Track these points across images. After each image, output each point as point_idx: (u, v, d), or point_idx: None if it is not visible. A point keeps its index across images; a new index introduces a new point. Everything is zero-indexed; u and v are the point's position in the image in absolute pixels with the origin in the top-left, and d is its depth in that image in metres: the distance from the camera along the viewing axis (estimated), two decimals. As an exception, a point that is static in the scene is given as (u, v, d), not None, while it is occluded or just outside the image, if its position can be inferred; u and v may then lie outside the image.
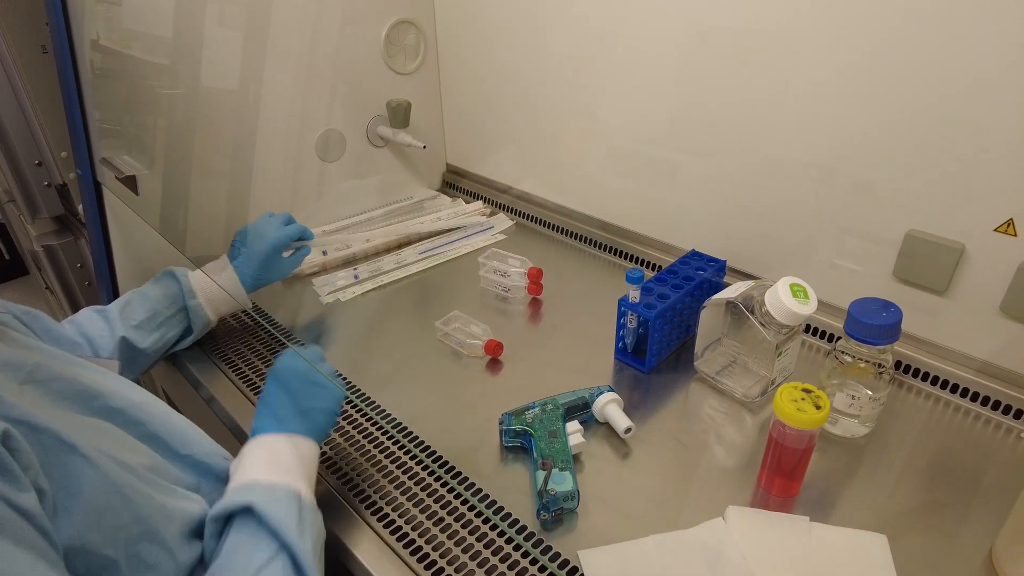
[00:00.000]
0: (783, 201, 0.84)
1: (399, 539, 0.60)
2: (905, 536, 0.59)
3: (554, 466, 0.63)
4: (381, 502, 0.64)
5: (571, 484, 0.61)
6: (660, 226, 1.00)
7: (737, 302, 0.71)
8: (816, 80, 0.75)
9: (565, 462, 0.63)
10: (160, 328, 0.77)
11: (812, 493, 0.64)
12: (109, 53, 0.93)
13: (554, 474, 0.62)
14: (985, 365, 0.73)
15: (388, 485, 0.66)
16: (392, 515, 0.63)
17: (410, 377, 0.81)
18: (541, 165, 1.14)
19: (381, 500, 0.64)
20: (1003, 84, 0.63)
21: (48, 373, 0.48)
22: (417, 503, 0.64)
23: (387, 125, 1.14)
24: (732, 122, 0.84)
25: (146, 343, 0.76)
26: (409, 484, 0.66)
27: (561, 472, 0.62)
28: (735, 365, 0.77)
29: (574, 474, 0.62)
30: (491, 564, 0.57)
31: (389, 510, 0.63)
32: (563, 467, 0.63)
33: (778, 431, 0.61)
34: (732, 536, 0.58)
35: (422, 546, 0.59)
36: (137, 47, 0.95)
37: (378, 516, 0.62)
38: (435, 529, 0.61)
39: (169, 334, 0.78)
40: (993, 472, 0.66)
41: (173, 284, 0.80)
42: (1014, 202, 0.66)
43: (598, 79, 0.98)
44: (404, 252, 1.06)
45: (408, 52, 1.14)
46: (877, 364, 0.67)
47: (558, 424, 0.68)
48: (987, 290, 0.70)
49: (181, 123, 0.96)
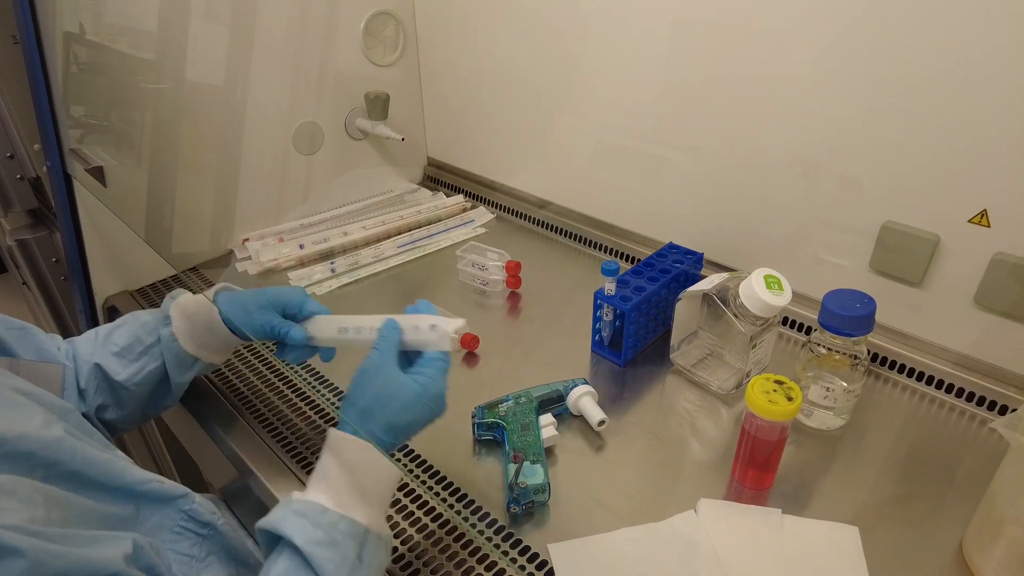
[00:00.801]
0: (763, 194, 0.83)
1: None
2: (878, 528, 0.59)
3: (526, 459, 0.62)
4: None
5: (542, 477, 0.60)
6: (643, 220, 0.99)
7: (712, 294, 0.70)
8: (797, 75, 0.75)
9: (537, 455, 0.63)
10: (140, 359, 0.65)
11: (787, 486, 0.64)
12: (80, 42, 0.91)
13: (525, 467, 0.61)
14: (960, 357, 0.73)
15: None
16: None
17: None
18: (523, 159, 1.13)
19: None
20: (978, 78, 0.63)
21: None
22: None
23: (366, 118, 1.13)
24: (716, 116, 0.84)
25: (122, 374, 0.64)
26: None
27: (532, 465, 0.61)
28: (711, 358, 0.76)
29: (546, 467, 0.62)
30: (460, 558, 0.57)
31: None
32: (535, 460, 0.62)
33: (750, 423, 0.60)
34: (703, 528, 0.58)
35: (391, 540, 0.59)
36: (109, 37, 0.93)
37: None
38: (404, 523, 0.60)
39: (149, 367, 0.65)
40: (967, 464, 0.66)
41: (161, 309, 0.68)
42: (987, 193, 0.66)
43: (582, 72, 0.97)
44: (382, 245, 1.05)
45: (387, 44, 1.13)
46: (852, 356, 0.67)
47: (531, 417, 0.67)
48: (962, 282, 0.70)
49: (153, 115, 0.94)
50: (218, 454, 0.72)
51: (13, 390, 0.51)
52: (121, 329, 0.66)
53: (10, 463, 0.45)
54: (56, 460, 0.47)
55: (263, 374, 0.80)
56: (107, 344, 0.65)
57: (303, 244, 1.04)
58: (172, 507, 0.55)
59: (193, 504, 0.57)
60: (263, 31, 0.97)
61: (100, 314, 0.99)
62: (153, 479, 0.54)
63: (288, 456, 0.68)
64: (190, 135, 0.96)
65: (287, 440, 0.70)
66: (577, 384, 0.71)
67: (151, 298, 0.97)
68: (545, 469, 0.61)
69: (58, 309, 1.31)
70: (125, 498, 0.52)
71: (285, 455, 0.68)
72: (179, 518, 0.56)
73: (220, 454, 0.72)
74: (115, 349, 0.65)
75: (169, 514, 0.55)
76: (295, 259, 1.02)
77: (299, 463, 0.67)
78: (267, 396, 0.76)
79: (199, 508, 0.57)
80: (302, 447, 0.69)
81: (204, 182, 1.00)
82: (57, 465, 0.47)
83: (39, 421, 0.49)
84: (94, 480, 0.50)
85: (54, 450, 0.48)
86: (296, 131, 1.06)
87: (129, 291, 0.99)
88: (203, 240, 1.04)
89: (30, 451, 0.46)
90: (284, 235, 1.06)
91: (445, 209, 1.15)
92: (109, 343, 0.65)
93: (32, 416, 0.49)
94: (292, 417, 0.73)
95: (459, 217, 1.14)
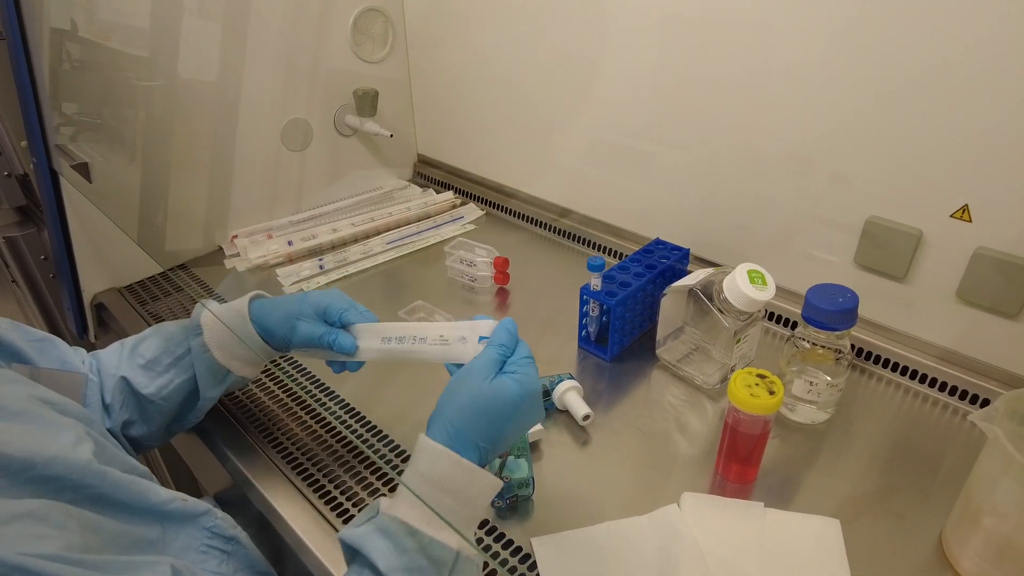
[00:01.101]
0: (748, 191, 0.83)
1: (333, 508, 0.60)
2: (860, 520, 0.59)
3: (510, 453, 0.62)
4: (336, 491, 0.63)
5: (526, 471, 0.61)
6: (631, 216, 0.99)
7: (697, 289, 0.71)
8: (784, 73, 0.75)
9: (521, 449, 0.63)
10: (168, 371, 0.63)
11: (771, 480, 0.64)
12: (68, 39, 0.91)
13: (510, 461, 0.61)
14: (943, 351, 0.73)
15: (342, 473, 0.65)
16: (345, 504, 0.62)
17: (370, 367, 0.80)
18: (513, 156, 1.13)
19: (335, 489, 0.64)
20: (961, 77, 0.63)
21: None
22: (373, 492, 0.63)
23: (355, 114, 1.12)
24: (704, 114, 0.84)
25: (150, 388, 0.62)
26: (361, 470, 0.65)
27: (517, 459, 0.62)
28: (697, 353, 0.77)
29: (530, 461, 0.62)
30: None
31: (343, 499, 0.62)
32: (519, 455, 0.62)
33: (733, 417, 0.61)
34: (686, 522, 0.58)
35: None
36: (97, 33, 0.93)
37: (331, 505, 0.62)
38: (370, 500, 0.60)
39: (178, 380, 0.63)
40: (950, 457, 0.67)
41: (190, 320, 0.66)
42: (969, 188, 0.66)
43: (573, 68, 0.97)
44: (371, 242, 1.05)
45: (376, 41, 1.13)
46: (836, 350, 0.67)
47: None
48: (944, 276, 0.70)
49: (139, 111, 0.94)
50: (217, 466, 0.71)
51: (37, 400, 0.50)
52: (147, 341, 0.64)
53: (40, 486, 0.44)
54: (84, 483, 0.46)
55: (265, 384, 0.78)
56: (133, 357, 0.63)
57: (292, 241, 1.04)
58: (196, 526, 0.54)
59: (216, 520, 0.55)
60: (251, 27, 0.97)
61: (88, 311, 0.98)
62: (176, 497, 0.53)
63: (289, 468, 0.67)
64: (178, 132, 0.96)
65: (289, 452, 0.68)
66: (563, 379, 0.71)
67: (140, 296, 0.97)
68: (529, 464, 0.62)
69: (47, 307, 1.30)
70: (151, 519, 0.50)
71: (287, 467, 0.67)
72: (203, 536, 0.54)
73: (220, 466, 0.70)
74: (142, 362, 0.63)
75: (194, 533, 0.54)
76: (284, 256, 1.02)
77: (299, 474, 0.66)
78: (269, 407, 0.76)
79: (222, 523, 0.56)
80: (305, 460, 0.68)
81: (192, 179, 1.00)
82: (85, 488, 0.46)
83: (68, 440, 0.48)
84: (121, 502, 0.48)
85: (82, 474, 0.46)
86: (285, 128, 1.06)
87: (118, 288, 0.98)
88: (192, 237, 1.04)
89: (59, 475, 0.45)
90: (273, 232, 1.06)
91: (435, 206, 1.15)
92: (136, 356, 0.63)
93: (60, 434, 0.48)
94: (295, 428, 0.73)
95: (448, 214, 1.14)
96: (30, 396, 0.50)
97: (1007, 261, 0.65)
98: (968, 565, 0.53)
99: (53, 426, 0.48)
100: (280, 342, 0.64)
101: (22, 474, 0.43)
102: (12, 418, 0.47)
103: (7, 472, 0.43)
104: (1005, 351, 0.69)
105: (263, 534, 0.62)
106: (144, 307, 0.94)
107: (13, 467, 0.43)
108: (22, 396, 0.49)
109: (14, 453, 0.43)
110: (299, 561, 0.59)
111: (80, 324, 0.99)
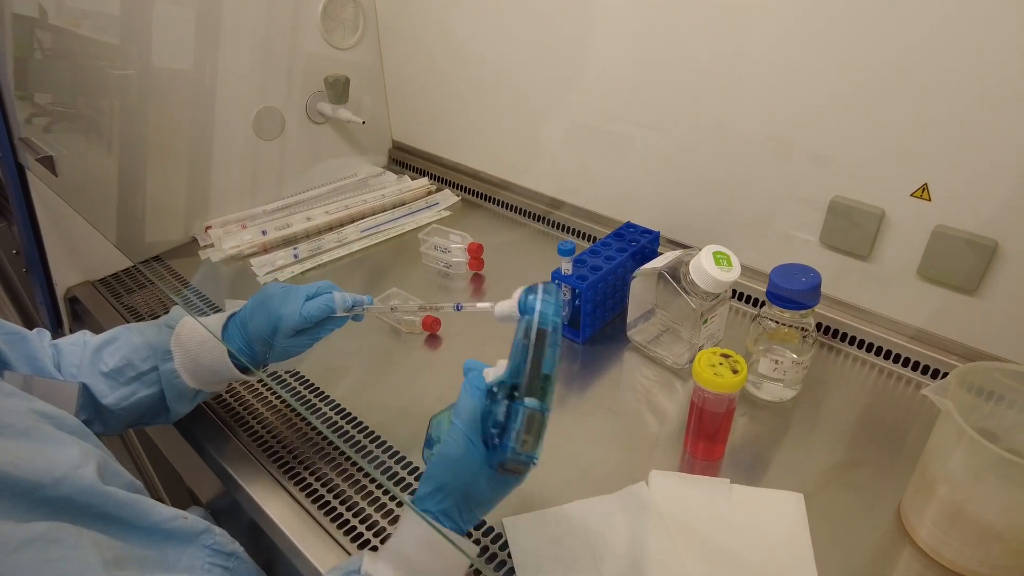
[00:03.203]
0: (717, 173, 0.84)
1: (327, 513, 0.61)
2: (822, 493, 0.61)
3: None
4: (311, 478, 0.64)
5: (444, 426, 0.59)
6: (604, 200, 1.00)
7: (664, 271, 0.72)
8: (755, 57, 0.75)
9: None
10: (131, 384, 0.62)
11: (740, 456, 0.66)
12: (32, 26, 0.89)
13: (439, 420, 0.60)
14: (906, 328, 0.75)
15: (318, 460, 0.66)
16: (320, 489, 0.63)
17: (345, 355, 0.81)
18: (488, 141, 1.13)
19: (311, 476, 0.64)
20: (923, 54, 0.64)
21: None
22: (346, 477, 0.64)
23: (327, 101, 1.12)
24: (675, 97, 0.84)
25: (110, 398, 0.61)
26: (335, 456, 0.66)
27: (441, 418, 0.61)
28: (667, 334, 0.78)
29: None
30: (417, 535, 0.58)
31: (317, 485, 0.63)
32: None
33: (698, 396, 0.62)
34: (653, 499, 0.60)
35: (349, 519, 0.60)
36: (64, 20, 0.91)
37: (307, 492, 0.63)
38: (363, 502, 0.61)
39: (141, 393, 0.63)
40: (912, 431, 0.68)
41: (158, 334, 0.65)
42: (928, 168, 0.67)
43: (547, 52, 0.96)
44: (345, 230, 1.05)
45: (347, 27, 1.12)
46: (801, 328, 0.68)
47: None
48: (906, 254, 0.72)
49: (106, 102, 0.93)
50: (205, 470, 0.71)
51: (36, 414, 0.49)
52: (112, 347, 0.63)
53: (47, 508, 0.44)
54: (90, 503, 0.46)
55: (256, 390, 0.77)
56: (96, 362, 0.62)
57: (266, 230, 1.03)
58: (197, 545, 0.54)
59: (216, 537, 0.55)
60: (219, 14, 0.96)
61: (62, 304, 0.98)
62: (177, 515, 0.53)
63: (280, 470, 0.66)
64: (146, 122, 0.95)
65: (279, 455, 0.68)
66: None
67: (114, 288, 0.96)
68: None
69: (21, 301, 1.29)
70: (152, 538, 0.50)
71: (278, 471, 0.66)
72: (205, 555, 0.54)
73: (208, 470, 0.70)
74: (104, 369, 0.62)
75: (196, 553, 0.54)
76: (258, 246, 1.01)
77: (292, 478, 0.66)
78: (256, 408, 0.76)
79: (221, 539, 0.56)
80: (295, 462, 0.68)
81: (163, 170, 0.99)
82: (91, 508, 0.46)
83: (74, 459, 0.47)
84: (125, 521, 0.48)
85: (88, 494, 0.46)
86: (256, 116, 1.05)
87: (91, 281, 0.98)
88: (164, 229, 1.03)
89: (66, 495, 0.45)
90: (247, 222, 1.06)
91: (409, 192, 1.15)
92: (99, 361, 0.62)
93: (65, 452, 0.47)
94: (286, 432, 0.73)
95: (424, 200, 1.14)
96: (28, 410, 0.49)
97: (965, 239, 0.67)
98: (924, 533, 0.55)
99: (57, 443, 0.48)
100: (263, 347, 0.63)
101: (30, 495, 0.43)
102: (18, 436, 0.46)
103: (15, 493, 0.42)
104: (964, 326, 0.71)
105: (255, 544, 0.62)
106: (119, 300, 0.93)
107: (21, 488, 0.43)
108: (21, 411, 0.48)
109: (23, 475, 0.43)
110: (292, 566, 0.59)
111: (54, 319, 0.99)
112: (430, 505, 0.48)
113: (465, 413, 0.48)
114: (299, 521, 0.61)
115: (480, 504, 0.50)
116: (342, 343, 0.83)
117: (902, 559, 0.56)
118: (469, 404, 0.49)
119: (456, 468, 0.48)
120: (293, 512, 0.61)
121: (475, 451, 0.48)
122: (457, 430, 0.48)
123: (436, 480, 0.49)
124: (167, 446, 0.88)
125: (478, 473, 0.48)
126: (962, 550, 0.53)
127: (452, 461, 0.48)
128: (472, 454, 0.48)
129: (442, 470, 0.49)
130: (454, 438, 0.48)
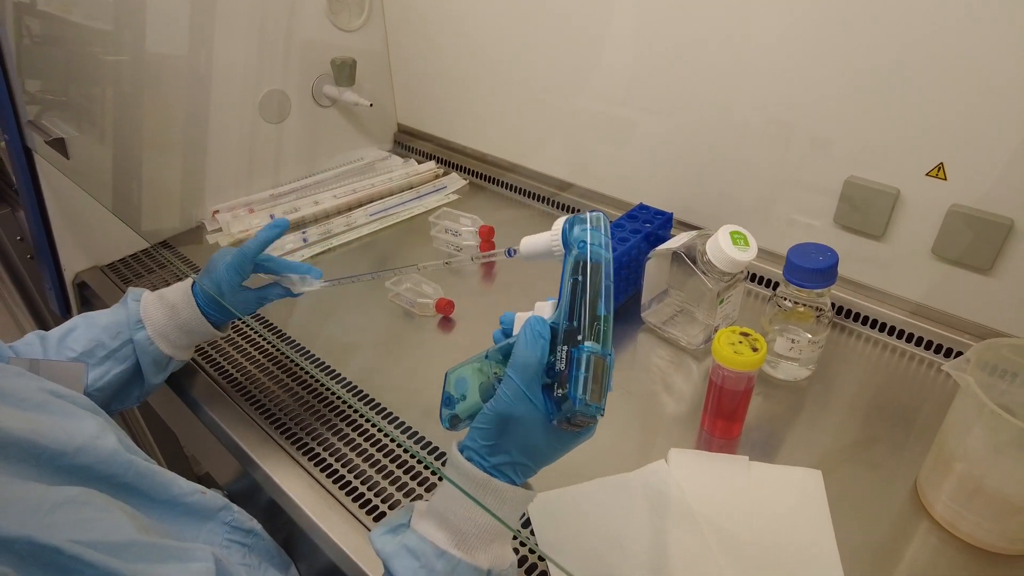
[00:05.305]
0: (730, 154, 0.84)
1: (342, 487, 0.61)
2: (840, 470, 0.61)
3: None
4: (331, 459, 0.64)
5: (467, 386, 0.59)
6: (614, 183, 1.00)
7: (680, 252, 0.72)
8: (765, 38, 0.75)
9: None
10: (103, 363, 0.63)
11: (756, 435, 0.66)
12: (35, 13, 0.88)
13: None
14: (919, 307, 0.75)
15: (336, 441, 0.66)
16: (335, 464, 0.63)
17: (360, 337, 0.81)
18: (494, 124, 1.13)
19: (330, 456, 0.65)
20: (940, 35, 0.64)
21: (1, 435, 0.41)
22: (367, 458, 0.64)
23: (333, 84, 1.11)
24: (685, 79, 0.84)
25: (84, 381, 0.61)
26: (354, 437, 0.66)
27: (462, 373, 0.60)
28: (681, 315, 0.78)
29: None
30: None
31: (338, 466, 0.64)
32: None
33: (717, 374, 0.62)
34: (673, 477, 0.60)
35: (371, 499, 0.60)
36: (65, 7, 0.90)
37: (327, 472, 0.63)
38: (384, 482, 0.62)
39: (114, 371, 0.63)
40: (926, 409, 0.69)
41: (123, 310, 0.65)
42: (944, 147, 0.67)
43: (553, 35, 0.96)
44: (354, 214, 1.05)
45: (352, 9, 1.11)
46: (816, 308, 0.69)
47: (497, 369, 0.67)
48: (920, 233, 0.72)
49: (117, 84, 0.92)
50: (222, 452, 0.71)
51: (48, 392, 0.49)
52: (74, 334, 0.63)
53: (71, 475, 0.44)
54: (112, 472, 0.46)
55: (251, 355, 0.79)
56: (61, 352, 0.61)
57: (274, 215, 1.03)
58: (216, 520, 0.54)
59: (234, 514, 0.55)
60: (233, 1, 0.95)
61: (71, 290, 0.97)
62: (196, 490, 0.53)
63: (296, 449, 0.67)
64: (154, 106, 0.94)
65: (294, 433, 0.68)
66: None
67: (123, 273, 0.96)
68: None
69: (26, 289, 1.29)
70: (172, 512, 0.50)
71: (295, 450, 0.66)
72: (224, 531, 0.55)
73: (225, 452, 0.70)
74: (72, 355, 0.61)
75: (215, 528, 0.54)
76: (267, 230, 1.01)
77: (307, 455, 0.66)
78: (272, 390, 0.76)
79: (239, 516, 0.56)
80: (297, 428, 0.69)
81: (171, 154, 0.99)
82: (113, 477, 0.46)
83: (92, 429, 0.48)
84: (145, 493, 0.48)
85: (109, 463, 0.47)
86: (262, 99, 1.04)
87: (99, 266, 0.98)
88: (173, 213, 1.03)
89: (88, 464, 0.45)
90: (254, 206, 1.05)
91: (417, 176, 1.15)
92: (64, 349, 0.61)
93: (83, 424, 0.48)
94: (299, 410, 0.73)
95: (431, 184, 1.14)
96: (40, 389, 0.49)
97: (980, 217, 0.67)
98: (941, 508, 0.56)
99: (74, 417, 0.48)
100: (232, 299, 0.65)
101: (53, 463, 0.44)
102: (35, 409, 0.47)
103: (39, 461, 0.43)
104: (978, 305, 0.71)
105: (273, 522, 0.63)
106: (128, 284, 0.93)
107: (45, 456, 0.43)
108: (34, 388, 0.49)
109: (46, 443, 0.44)
110: (311, 543, 0.59)
111: (63, 304, 0.98)
112: (482, 461, 0.44)
113: (528, 367, 0.41)
114: (318, 498, 0.61)
115: (539, 462, 0.45)
116: (355, 322, 0.83)
117: (919, 533, 0.57)
118: (532, 356, 0.41)
119: (514, 427, 0.42)
120: (311, 489, 0.62)
121: (534, 408, 0.42)
122: (512, 384, 0.42)
123: (489, 435, 0.43)
124: (181, 431, 0.88)
125: (539, 430, 0.42)
126: (980, 523, 0.54)
127: (509, 420, 0.42)
128: (532, 412, 0.42)
129: (497, 428, 0.43)
130: (510, 394, 0.42)
